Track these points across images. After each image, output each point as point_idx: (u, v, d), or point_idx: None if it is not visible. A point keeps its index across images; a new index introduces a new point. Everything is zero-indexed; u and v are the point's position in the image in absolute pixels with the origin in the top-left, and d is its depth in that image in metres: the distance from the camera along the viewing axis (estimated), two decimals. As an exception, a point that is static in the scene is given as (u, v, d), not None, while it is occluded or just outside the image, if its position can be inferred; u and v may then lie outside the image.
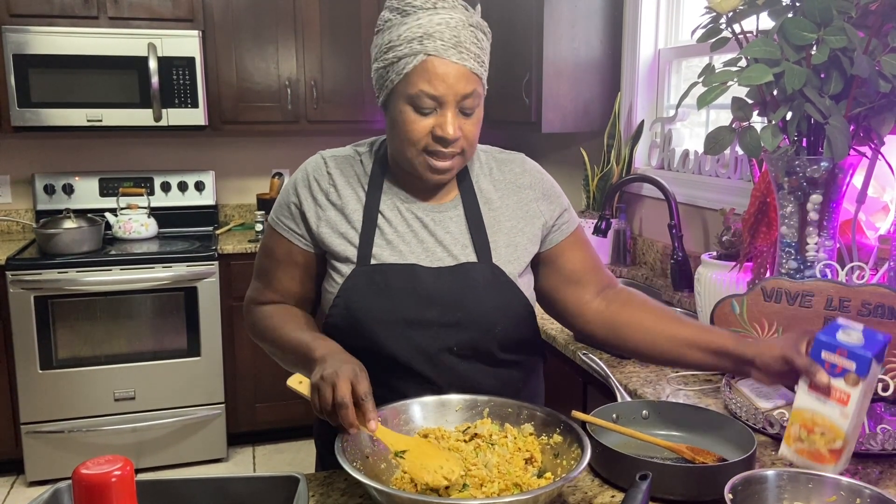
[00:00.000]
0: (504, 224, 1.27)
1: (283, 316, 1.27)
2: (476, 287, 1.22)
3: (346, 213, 1.24)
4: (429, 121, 1.14)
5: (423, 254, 1.23)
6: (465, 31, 1.13)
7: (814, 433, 1.07)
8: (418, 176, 1.20)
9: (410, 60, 1.12)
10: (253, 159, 3.91)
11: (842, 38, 1.24)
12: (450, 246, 1.24)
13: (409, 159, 1.18)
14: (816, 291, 1.27)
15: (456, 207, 1.26)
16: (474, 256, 1.23)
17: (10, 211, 3.62)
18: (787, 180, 1.36)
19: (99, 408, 3.18)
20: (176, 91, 3.32)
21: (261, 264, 1.33)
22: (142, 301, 3.17)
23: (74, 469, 0.72)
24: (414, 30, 1.12)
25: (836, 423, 1.05)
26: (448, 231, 1.24)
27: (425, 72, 1.12)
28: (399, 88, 1.14)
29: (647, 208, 2.79)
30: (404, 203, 1.25)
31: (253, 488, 1.03)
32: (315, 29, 3.52)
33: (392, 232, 1.23)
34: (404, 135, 1.16)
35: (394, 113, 1.17)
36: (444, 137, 1.14)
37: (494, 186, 1.29)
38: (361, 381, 1.02)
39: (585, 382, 1.85)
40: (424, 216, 1.25)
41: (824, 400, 1.06)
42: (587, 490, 1.11)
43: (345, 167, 1.27)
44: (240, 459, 3.43)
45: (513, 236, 1.27)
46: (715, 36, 1.41)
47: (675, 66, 2.75)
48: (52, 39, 3.16)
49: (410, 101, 1.13)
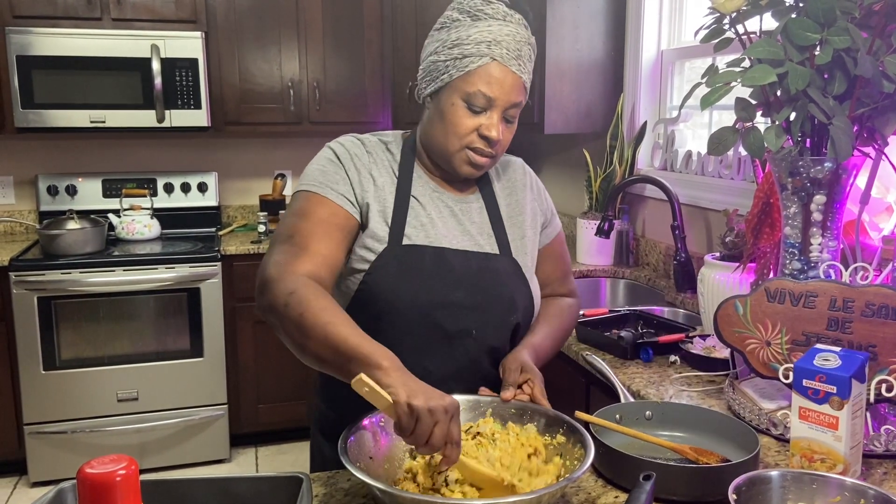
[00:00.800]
0: (515, 220, 1.36)
1: (329, 301, 1.11)
2: (498, 275, 1.29)
3: (383, 193, 1.27)
4: (477, 119, 1.22)
5: (453, 238, 1.28)
6: (525, 47, 1.24)
7: (815, 462, 1.10)
8: (453, 168, 1.27)
9: (476, 60, 1.20)
10: (256, 160, 3.91)
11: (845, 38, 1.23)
12: (476, 235, 1.31)
13: (450, 151, 1.24)
14: (820, 292, 1.26)
15: (478, 201, 1.34)
16: (497, 248, 1.31)
17: (13, 212, 3.63)
18: (791, 181, 1.36)
19: (102, 408, 3.18)
20: (179, 92, 3.32)
21: (293, 227, 1.21)
22: (145, 302, 3.17)
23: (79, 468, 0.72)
24: (484, 34, 1.20)
25: (832, 448, 1.08)
26: (473, 222, 1.32)
27: (487, 74, 1.20)
28: (457, 83, 1.21)
29: (650, 209, 2.79)
30: (435, 192, 1.31)
31: (257, 488, 1.03)
32: (317, 30, 3.53)
33: (425, 215, 1.28)
34: (452, 127, 1.23)
35: (444, 105, 1.23)
36: (488, 137, 1.22)
37: (503, 187, 1.39)
38: (456, 424, 0.97)
39: (588, 383, 1.85)
40: (453, 205, 1.32)
41: (817, 428, 1.08)
42: (591, 490, 1.11)
43: (377, 151, 1.31)
44: (242, 460, 3.43)
45: (524, 232, 1.36)
46: (718, 36, 1.41)
47: (677, 67, 2.75)
48: (56, 41, 3.17)
49: (466, 97, 1.21)
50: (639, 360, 1.73)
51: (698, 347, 1.71)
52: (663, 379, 1.61)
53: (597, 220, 2.70)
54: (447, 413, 0.95)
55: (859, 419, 1.10)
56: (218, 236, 3.57)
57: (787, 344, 1.29)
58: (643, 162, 2.82)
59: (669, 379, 1.61)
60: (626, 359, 1.74)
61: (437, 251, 1.26)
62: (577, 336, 1.90)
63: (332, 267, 1.21)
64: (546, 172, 3.65)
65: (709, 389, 1.55)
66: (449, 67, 1.21)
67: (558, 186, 3.52)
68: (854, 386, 1.07)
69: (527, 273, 1.33)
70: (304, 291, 1.10)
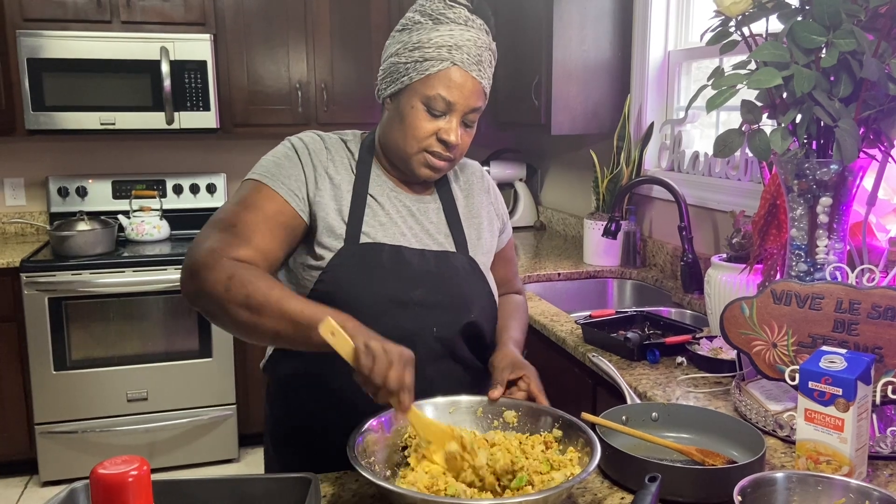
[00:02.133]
0: (472, 221, 1.38)
1: (272, 280, 1.12)
2: (456, 273, 1.30)
3: (340, 191, 1.27)
4: (436, 123, 1.23)
5: (412, 237, 1.29)
6: (486, 52, 1.24)
7: (820, 463, 1.10)
8: (411, 170, 1.28)
9: (436, 64, 1.20)
10: (264, 162, 3.93)
11: (851, 41, 1.24)
12: (434, 234, 1.32)
13: (408, 154, 1.25)
14: (826, 294, 1.27)
15: (435, 201, 1.36)
16: (453, 247, 1.33)
17: (24, 213, 3.66)
18: (797, 183, 1.36)
19: (112, 408, 3.21)
20: (188, 94, 3.35)
21: (235, 215, 1.18)
22: (154, 302, 3.20)
23: (92, 469, 0.74)
24: (445, 38, 1.20)
25: (838, 450, 1.08)
26: (431, 221, 1.33)
27: (447, 78, 1.21)
28: (416, 86, 1.21)
29: (656, 210, 2.79)
30: (392, 191, 1.32)
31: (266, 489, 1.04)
32: (325, 32, 3.54)
33: (384, 214, 1.29)
34: (410, 130, 1.23)
35: (404, 108, 1.23)
36: (447, 142, 1.23)
37: (460, 188, 1.41)
38: (410, 371, 1.03)
39: (595, 384, 1.86)
40: (411, 205, 1.32)
41: (823, 430, 1.09)
42: (597, 492, 1.12)
43: (337, 147, 1.32)
44: (251, 460, 3.45)
45: (481, 232, 1.38)
46: (724, 39, 1.41)
47: (685, 68, 2.75)
48: (66, 43, 3.20)
49: (426, 101, 1.21)
50: (645, 362, 1.73)
51: (705, 349, 1.71)
52: (670, 380, 1.62)
53: (604, 221, 2.70)
54: (402, 357, 1.02)
55: (865, 421, 1.11)
56: (226, 237, 3.58)
57: (793, 346, 1.29)
58: (650, 163, 2.82)
59: (676, 380, 1.62)
60: (632, 360, 1.74)
61: (395, 249, 1.26)
62: (584, 337, 1.90)
63: (270, 262, 1.19)
64: (553, 173, 3.66)
65: (715, 391, 1.55)
66: (409, 70, 1.21)
67: (565, 187, 3.53)
68: (860, 388, 1.07)
69: (484, 271, 1.35)
70: (244, 274, 1.10)
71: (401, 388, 1.01)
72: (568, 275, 2.74)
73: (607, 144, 2.97)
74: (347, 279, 1.22)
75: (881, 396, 1.20)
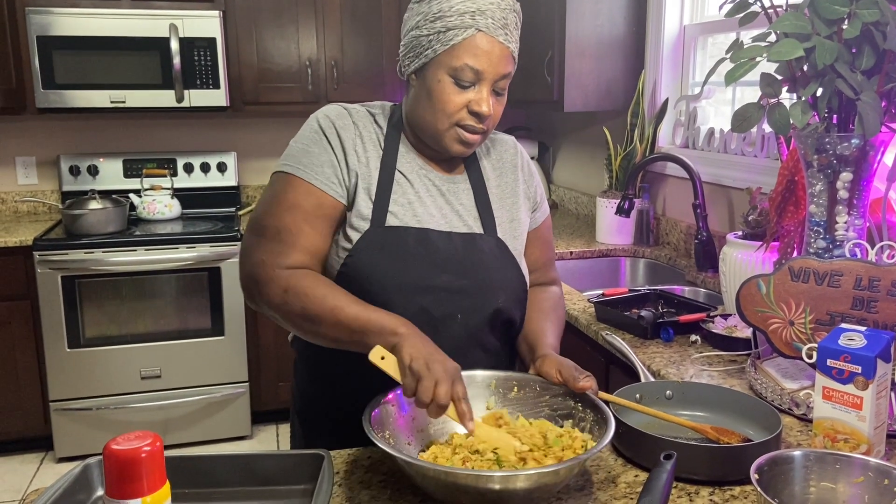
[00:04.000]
0: (505, 201, 1.32)
1: (328, 285, 1.15)
2: (483, 256, 1.25)
3: (368, 168, 1.22)
4: (466, 95, 1.17)
5: (441, 219, 1.24)
6: (511, 14, 1.18)
7: (838, 441, 1.09)
8: (443, 147, 1.22)
9: (460, 33, 1.14)
10: (274, 140, 3.92)
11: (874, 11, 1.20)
12: (464, 216, 1.27)
13: (439, 130, 1.20)
14: (845, 271, 1.24)
15: (465, 181, 1.30)
16: (481, 229, 1.27)
17: (36, 192, 3.67)
18: (817, 158, 1.34)
19: (126, 386, 3.23)
20: (197, 72, 3.33)
21: (277, 219, 1.18)
22: (166, 281, 3.21)
23: (105, 445, 0.73)
24: (467, 4, 1.14)
25: (856, 428, 1.07)
26: (461, 202, 1.28)
27: (473, 46, 1.15)
28: (442, 58, 1.16)
29: (671, 188, 2.76)
30: (422, 169, 1.27)
31: (279, 465, 1.04)
32: (335, 9, 3.51)
33: (413, 192, 1.24)
34: (440, 105, 1.18)
35: (430, 82, 1.18)
36: (479, 113, 1.17)
37: (492, 165, 1.34)
38: (460, 384, 1.02)
39: (608, 363, 1.85)
40: (441, 185, 1.27)
41: (841, 408, 1.08)
42: (611, 469, 1.11)
43: (365, 121, 1.26)
44: (263, 437, 3.47)
45: (514, 212, 1.32)
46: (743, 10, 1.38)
47: (700, 43, 2.71)
48: (75, 21, 3.18)
49: (453, 72, 1.16)
50: (659, 340, 1.72)
51: (719, 327, 1.69)
52: (684, 359, 1.61)
53: (617, 199, 2.68)
54: (447, 373, 1.00)
55: (884, 399, 1.09)
56: (238, 216, 3.59)
57: (810, 323, 1.27)
58: (664, 140, 2.79)
59: (690, 359, 1.60)
60: (646, 338, 1.73)
61: (422, 233, 1.21)
62: (597, 315, 1.89)
63: (321, 258, 1.21)
64: (565, 151, 3.62)
65: (730, 369, 1.54)
66: (432, 42, 1.16)
67: (578, 165, 3.50)
68: (879, 366, 1.05)
69: (515, 254, 1.28)
70: (298, 285, 1.13)
71: (455, 401, 1.00)
72: (580, 253, 2.73)
73: (621, 121, 2.93)
74: (371, 263, 1.19)
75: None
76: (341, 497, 1.04)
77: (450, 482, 0.92)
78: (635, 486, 1.07)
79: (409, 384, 1.00)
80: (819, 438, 1.11)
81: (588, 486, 1.06)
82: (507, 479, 0.92)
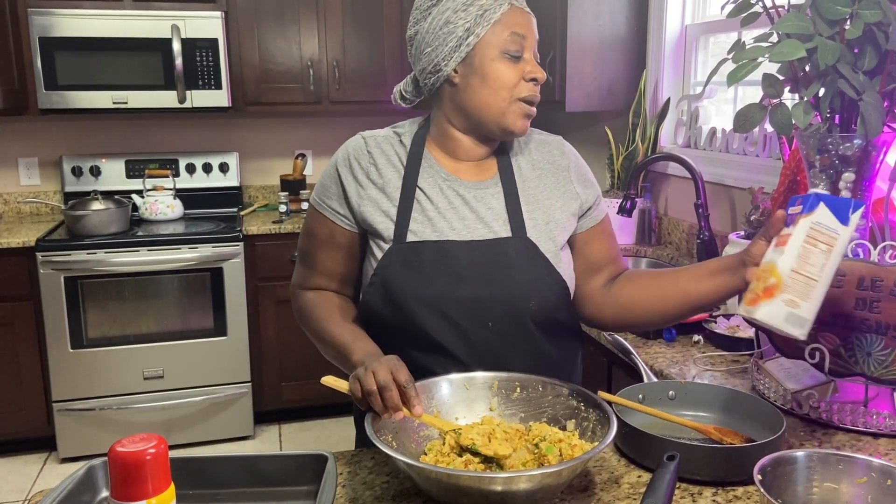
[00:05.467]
0: (542, 202, 1.28)
1: (326, 308, 1.29)
2: (508, 260, 1.22)
3: (387, 192, 1.25)
4: (519, 66, 1.21)
5: (463, 228, 1.24)
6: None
7: (759, 279, 1.05)
8: (506, 128, 1.23)
9: (497, 10, 1.20)
10: (276, 140, 3.92)
11: (876, 11, 1.20)
12: (490, 222, 1.25)
13: (502, 110, 1.22)
14: (848, 271, 1.24)
15: (496, 185, 1.28)
16: (510, 232, 1.24)
17: (38, 193, 3.67)
18: (819, 158, 1.34)
19: (128, 386, 3.24)
20: (199, 72, 3.33)
21: (304, 247, 1.34)
22: (169, 281, 3.21)
23: (110, 447, 0.74)
24: None
25: (774, 262, 1.03)
26: (490, 207, 1.26)
27: (511, 18, 1.21)
28: (488, 39, 1.20)
29: (672, 187, 2.76)
30: (445, 181, 1.26)
31: (282, 466, 1.04)
32: (337, 9, 3.51)
33: (432, 208, 1.24)
34: (500, 82, 1.21)
35: (482, 66, 1.21)
36: (536, 78, 1.22)
37: (532, 165, 1.32)
38: (400, 370, 1.05)
39: (610, 363, 1.85)
40: (466, 193, 1.26)
41: (776, 249, 1.05)
42: (613, 469, 1.12)
43: (385, 146, 1.29)
44: (266, 437, 3.48)
45: (551, 213, 1.28)
46: (745, 10, 1.38)
47: (702, 43, 2.70)
48: (78, 22, 3.18)
49: (502, 46, 1.20)
50: (661, 340, 1.72)
51: (722, 327, 1.69)
52: (686, 359, 1.61)
53: (619, 199, 2.67)
54: (382, 363, 1.06)
55: (821, 253, 1.03)
56: (240, 216, 3.59)
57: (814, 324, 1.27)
58: (666, 139, 2.79)
59: (693, 359, 1.61)
60: (648, 338, 1.73)
61: (439, 245, 1.21)
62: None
63: (340, 280, 1.33)
64: (567, 150, 3.61)
65: (733, 369, 1.54)
66: (473, 28, 1.19)
67: (579, 165, 3.49)
68: (822, 211, 1.02)
69: (548, 255, 1.24)
70: (306, 306, 1.32)
71: (386, 386, 1.02)
72: (582, 253, 2.73)
73: (622, 121, 2.93)
74: (394, 278, 1.21)
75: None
76: (344, 498, 1.04)
77: (452, 484, 0.92)
78: (638, 486, 1.07)
79: (352, 388, 1.06)
80: (752, 281, 1.07)
81: (591, 487, 1.06)
82: (509, 480, 0.92)
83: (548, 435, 1.05)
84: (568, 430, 1.10)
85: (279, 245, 3.35)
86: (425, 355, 1.22)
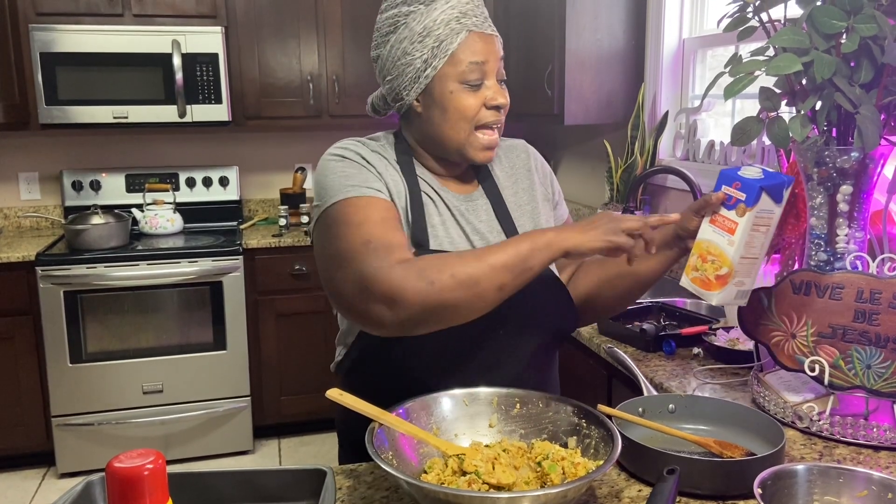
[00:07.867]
0: (524, 207, 1.31)
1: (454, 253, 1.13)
2: None
3: (393, 195, 1.21)
4: (479, 94, 1.20)
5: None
6: (483, 7, 1.23)
7: (707, 262, 1.15)
8: (467, 158, 1.22)
9: (454, 39, 1.17)
10: (276, 154, 3.93)
11: (872, 26, 1.21)
12: (486, 234, 1.26)
13: (461, 140, 1.20)
14: (846, 284, 1.25)
15: (481, 197, 1.29)
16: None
17: (39, 207, 3.68)
18: (817, 171, 1.34)
19: (128, 401, 3.23)
20: (200, 87, 3.35)
21: (362, 237, 1.11)
22: (168, 295, 3.21)
23: (108, 463, 0.73)
24: (448, 12, 1.17)
25: (724, 251, 1.13)
26: (481, 219, 1.27)
27: (469, 46, 1.18)
28: (445, 70, 1.18)
29: (671, 200, 2.77)
30: (439, 190, 1.26)
31: (281, 481, 1.04)
32: (336, 24, 3.53)
33: (437, 217, 1.23)
34: (459, 113, 1.19)
35: (441, 97, 1.19)
36: (497, 105, 1.20)
37: (506, 174, 1.33)
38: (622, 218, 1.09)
39: (610, 376, 1.84)
40: (459, 204, 1.26)
41: (718, 231, 1.14)
42: (614, 484, 1.11)
43: (380, 150, 1.25)
44: (266, 451, 3.46)
45: (535, 217, 1.31)
46: (742, 25, 1.38)
47: (699, 56, 2.72)
48: (78, 37, 3.20)
49: (460, 77, 1.18)
50: (661, 353, 1.72)
51: (722, 340, 1.69)
52: (686, 372, 1.60)
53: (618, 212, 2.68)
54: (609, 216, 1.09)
55: (762, 236, 1.15)
56: (240, 230, 3.59)
57: (812, 336, 1.27)
58: (665, 152, 2.80)
59: (692, 372, 1.60)
60: (648, 351, 1.73)
61: None
62: (599, 328, 1.89)
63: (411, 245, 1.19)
64: (566, 164, 3.63)
65: (732, 382, 1.53)
66: (430, 59, 1.17)
67: (579, 178, 3.50)
68: (763, 199, 1.11)
69: None
70: (427, 262, 1.07)
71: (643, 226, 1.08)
72: (582, 266, 2.73)
73: (621, 134, 2.94)
74: None
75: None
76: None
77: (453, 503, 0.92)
78: (638, 500, 1.06)
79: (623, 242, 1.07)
80: (694, 257, 1.17)
81: (591, 501, 1.06)
82: (512, 500, 0.92)
83: (550, 453, 1.05)
84: (570, 448, 1.09)
85: (279, 259, 3.35)
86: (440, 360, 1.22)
